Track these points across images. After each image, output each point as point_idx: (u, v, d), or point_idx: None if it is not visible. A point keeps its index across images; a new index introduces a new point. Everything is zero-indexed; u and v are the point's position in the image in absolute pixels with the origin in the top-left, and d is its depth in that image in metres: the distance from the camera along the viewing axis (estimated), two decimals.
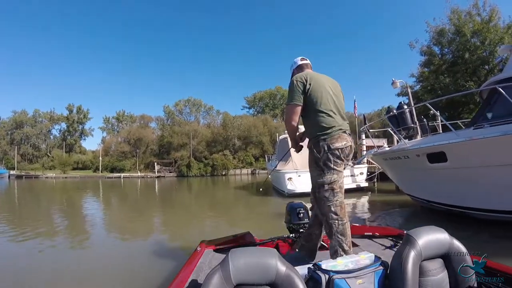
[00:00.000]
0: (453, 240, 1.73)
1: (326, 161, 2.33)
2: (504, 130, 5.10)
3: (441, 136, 7.22)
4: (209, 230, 6.85)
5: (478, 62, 21.41)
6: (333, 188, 2.33)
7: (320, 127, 2.38)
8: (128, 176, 46.00)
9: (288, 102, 2.46)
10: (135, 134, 55.09)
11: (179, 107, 62.45)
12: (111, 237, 6.44)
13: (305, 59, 2.80)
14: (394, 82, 10.31)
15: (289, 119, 2.45)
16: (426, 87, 24.31)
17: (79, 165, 60.45)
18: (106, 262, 4.59)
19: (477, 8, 22.06)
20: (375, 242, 2.95)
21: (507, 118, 5.39)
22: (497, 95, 5.53)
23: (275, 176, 15.41)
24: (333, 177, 2.33)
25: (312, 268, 1.77)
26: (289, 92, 2.46)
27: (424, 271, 1.64)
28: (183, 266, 2.24)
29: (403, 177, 8.52)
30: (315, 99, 2.41)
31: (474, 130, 5.98)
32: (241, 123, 50.42)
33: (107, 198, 16.85)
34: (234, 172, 45.66)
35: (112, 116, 72.56)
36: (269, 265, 1.33)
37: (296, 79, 2.45)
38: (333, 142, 2.34)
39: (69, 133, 72.60)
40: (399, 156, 7.62)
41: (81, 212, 10.24)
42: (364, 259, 1.77)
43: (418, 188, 7.93)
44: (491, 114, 5.97)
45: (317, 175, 2.38)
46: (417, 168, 7.08)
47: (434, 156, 6.31)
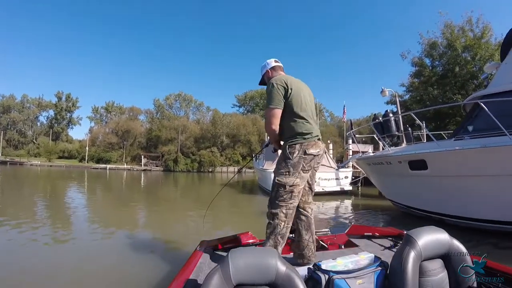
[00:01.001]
0: (453, 240, 1.73)
1: (296, 164, 2.32)
2: (483, 143, 5.33)
3: (423, 145, 7.47)
4: (195, 227, 6.83)
5: (467, 77, 21.80)
6: (292, 191, 2.32)
7: (298, 131, 2.38)
8: (114, 168, 45.26)
9: (268, 105, 2.40)
10: (123, 125, 54.34)
11: (170, 101, 61.78)
12: (98, 232, 6.08)
13: (278, 61, 2.76)
14: (383, 91, 10.54)
15: (270, 123, 2.40)
16: (415, 97, 24.73)
17: (65, 154, 59.28)
18: (98, 260, 4.29)
19: (470, 24, 22.45)
20: (375, 242, 2.94)
21: (486, 132, 5.63)
22: (479, 110, 5.75)
23: (262, 175, 15.54)
24: (296, 181, 2.32)
25: (312, 268, 1.80)
26: (269, 95, 2.40)
27: (424, 271, 1.63)
28: (183, 266, 2.21)
29: (385, 182, 8.72)
30: (296, 104, 2.40)
31: (454, 141, 6.21)
32: (231, 121, 50.11)
33: (93, 189, 16.52)
34: (220, 169, 45.45)
35: (101, 106, 71.52)
36: (269, 265, 1.33)
37: (276, 83, 2.41)
38: (309, 147, 2.36)
39: (56, 121, 70.95)
40: (382, 162, 7.81)
41: (66, 204, 9.97)
42: (364, 259, 1.81)
43: (399, 193, 8.12)
44: (472, 127, 6.21)
45: (281, 174, 2.35)
46: (399, 174, 7.27)
47: (416, 164, 6.51)
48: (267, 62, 2.75)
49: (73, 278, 3.55)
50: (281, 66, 2.75)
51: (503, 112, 5.56)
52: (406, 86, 26.88)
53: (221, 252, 2.61)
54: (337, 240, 3.08)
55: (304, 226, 2.49)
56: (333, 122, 60.49)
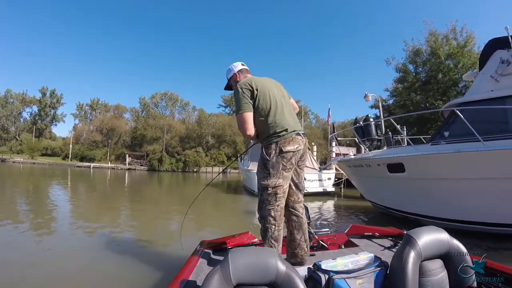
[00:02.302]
0: (453, 240, 1.72)
1: (275, 164, 2.24)
2: (457, 148, 5.55)
3: (401, 149, 7.69)
4: (178, 226, 6.80)
5: (449, 83, 22.24)
6: (276, 192, 2.24)
7: (272, 130, 2.29)
8: (98, 167, 44.01)
9: (237, 111, 2.30)
10: (108, 123, 52.99)
11: (155, 100, 60.46)
12: (87, 232, 5.90)
13: (244, 64, 2.66)
14: (367, 96, 10.79)
15: (243, 128, 2.29)
16: (399, 102, 25.13)
17: (48, 151, 57.40)
18: (92, 261, 4.12)
19: (454, 32, 22.90)
20: (375, 242, 2.89)
21: (461, 138, 5.85)
22: (455, 117, 5.95)
23: (247, 176, 15.61)
24: (279, 181, 2.24)
25: (312, 268, 1.78)
26: (237, 101, 2.31)
27: (424, 271, 1.62)
28: (182, 266, 2.17)
29: (365, 184, 8.92)
30: (264, 103, 2.32)
31: (431, 146, 6.42)
32: (216, 121, 49.58)
33: (76, 188, 16.08)
34: (205, 169, 44.95)
35: (86, 104, 69.39)
36: (269, 265, 1.31)
37: (241, 87, 2.32)
38: (285, 145, 2.26)
39: (40, 117, 68.70)
40: (362, 165, 7.99)
41: (49, 203, 9.63)
42: (364, 259, 1.80)
43: (378, 195, 8.33)
44: (448, 133, 6.44)
45: (262, 177, 2.28)
46: (378, 177, 7.45)
47: (394, 167, 6.70)
48: (234, 65, 2.62)
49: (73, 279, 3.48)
50: (248, 69, 2.66)
51: (477, 119, 5.82)
52: (390, 91, 27.28)
53: (221, 252, 2.56)
54: (337, 240, 3.06)
55: (295, 226, 2.43)
56: (318, 124, 60.81)
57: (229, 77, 2.64)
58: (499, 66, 6.27)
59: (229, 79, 2.65)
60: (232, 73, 2.60)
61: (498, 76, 6.24)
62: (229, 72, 2.63)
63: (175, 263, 3.41)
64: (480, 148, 5.20)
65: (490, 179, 5.34)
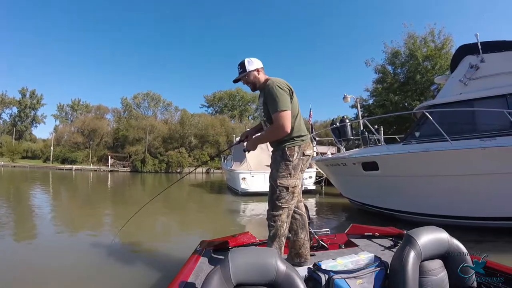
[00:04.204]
0: (453, 240, 1.70)
1: (296, 166, 2.29)
2: (426, 147, 5.85)
3: (375, 148, 7.95)
4: (164, 226, 6.84)
5: (427, 84, 22.57)
6: (294, 192, 2.29)
7: (297, 134, 2.34)
8: (80, 169, 42.53)
9: (281, 108, 2.20)
10: (89, 124, 50.97)
11: (138, 100, 58.55)
12: (73, 234, 5.83)
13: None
14: (345, 97, 10.99)
15: (285, 126, 2.21)
16: (379, 102, 25.36)
17: (28, 153, 54.56)
18: (92, 262, 4.08)
19: (432, 35, 23.37)
20: (375, 242, 2.86)
21: (431, 138, 6.14)
22: (425, 118, 6.22)
23: (230, 176, 15.68)
24: (297, 182, 2.31)
25: (312, 268, 1.75)
26: (279, 98, 2.22)
27: (424, 271, 1.60)
28: (182, 266, 2.15)
29: (342, 181, 9.15)
30: (296, 107, 2.36)
31: (403, 146, 6.70)
32: (199, 121, 48.83)
33: (60, 191, 15.50)
34: (189, 170, 44.09)
35: (67, 104, 66.56)
36: (269, 265, 1.30)
37: (281, 86, 2.27)
38: (306, 149, 2.35)
39: (20, 119, 64.88)
40: (338, 163, 8.19)
41: (40, 207, 9.31)
42: (364, 259, 1.77)
43: (354, 192, 8.58)
44: (418, 133, 6.74)
45: (283, 177, 2.28)
46: (354, 175, 7.67)
47: (368, 165, 6.94)
48: (255, 60, 2.46)
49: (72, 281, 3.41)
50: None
51: (446, 121, 6.18)
52: (370, 91, 27.60)
53: (221, 252, 2.53)
54: (337, 240, 3.04)
55: (299, 225, 2.46)
56: None
57: (251, 69, 2.41)
58: (468, 71, 6.57)
59: (247, 72, 2.42)
60: (255, 67, 2.42)
61: (467, 80, 6.54)
62: (251, 64, 2.42)
63: (175, 263, 3.41)
64: (448, 147, 5.47)
65: (457, 176, 5.64)
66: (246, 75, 2.44)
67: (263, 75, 2.46)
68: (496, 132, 5.65)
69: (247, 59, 2.45)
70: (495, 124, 5.87)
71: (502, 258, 2.24)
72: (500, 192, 5.32)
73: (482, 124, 6.08)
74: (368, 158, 6.96)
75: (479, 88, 6.31)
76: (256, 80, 2.44)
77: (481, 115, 6.12)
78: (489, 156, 5.27)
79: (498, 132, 5.61)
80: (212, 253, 2.50)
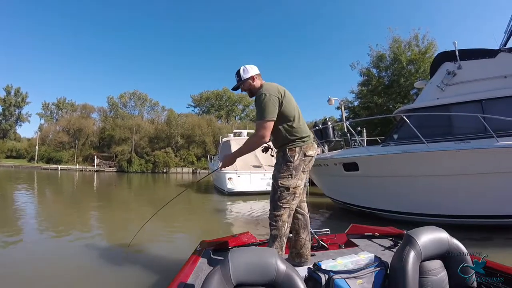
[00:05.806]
0: (453, 240, 1.68)
1: (298, 166, 2.30)
2: (403, 149, 6.01)
3: (355, 150, 8.09)
4: (157, 228, 6.78)
5: (411, 87, 21.92)
6: (295, 192, 2.29)
7: (297, 135, 2.34)
8: (66, 169, 41.44)
9: (263, 116, 2.21)
10: (75, 124, 49.79)
11: (124, 100, 57.36)
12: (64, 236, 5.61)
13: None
14: (330, 100, 11.07)
15: (264, 135, 2.23)
16: (364, 104, 25.64)
17: (13, 153, 52.86)
18: (90, 263, 3.97)
19: (417, 40, 23.74)
20: (375, 242, 2.83)
21: (408, 140, 6.30)
22: (403, 121, 6.40)
23: (217, 176, 15.72)
24: (298, 182, 2.30)
25: (312, 268, 1.73)
26: (264, 106, 2.22)
27: (424, 271, 1.58)
28: (182, 266, 2.11)
29: (324, 181, 9.28)
30: (291, 109, 2.35)
31: (382, 147, 6.85)
32: (186, 121, 48.30)
33: (43, 192, 15.09)
34: (175, 170, 43.77)
35: (52, 103, 64.66)
36: (269, 265, 1.28)
37: (269, 93, 2.26)
38: (307, 149, 2.34)
39: (4, 117, 62.40)
40: (320, 164, 8.25)
41: (36, 209, 9.05)
42: (364, 259, 1.75)
43: (336, 191, 8.72)
44: (397, 136, 6.91)
45: (284, 177, 2.29)
46: (335, 175, 7.79)
47: (349, 166, 7.06)
48: (251, 67, 2.48)
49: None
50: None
51: (423, 124, 6.34)
52: (356, 93, 27.85)
53: (221, 252, 2.49)
54: (337, 240, 3.02)
55: (301, 225, 2.46)
56: None
57: (246, 78, 2.44)
58: (445, 77, 6.74)
59: (243, 80, 2.46)
60: (250, 75, 2.44)
61: (444, 86, 6.73)
62: (246, 72, 2.45)
63: (175, 263, 3.40)
64: (424, 149, 5.63)
65: (433, 176, 5.82)
66: (242, 83, 2.49)
67: (258, 82, 2.47)
68: (470, 135, 5.84)
69: (242, 67, 2.48)
70: (470, 128, 6.06)
71: (502, 258, 2.25)
72: (473, 192, 5.54)
73: (457, 128, 6.29)
74: (348, 159, 7.10)
75: (456, 94, 6.51)
76: (252, 87, 2.47)
77: (457, 119, 6.31)
78: (463, 158, 5.45)
79: (472, 135, 5.81)
80: (212, 253, 2.48)
